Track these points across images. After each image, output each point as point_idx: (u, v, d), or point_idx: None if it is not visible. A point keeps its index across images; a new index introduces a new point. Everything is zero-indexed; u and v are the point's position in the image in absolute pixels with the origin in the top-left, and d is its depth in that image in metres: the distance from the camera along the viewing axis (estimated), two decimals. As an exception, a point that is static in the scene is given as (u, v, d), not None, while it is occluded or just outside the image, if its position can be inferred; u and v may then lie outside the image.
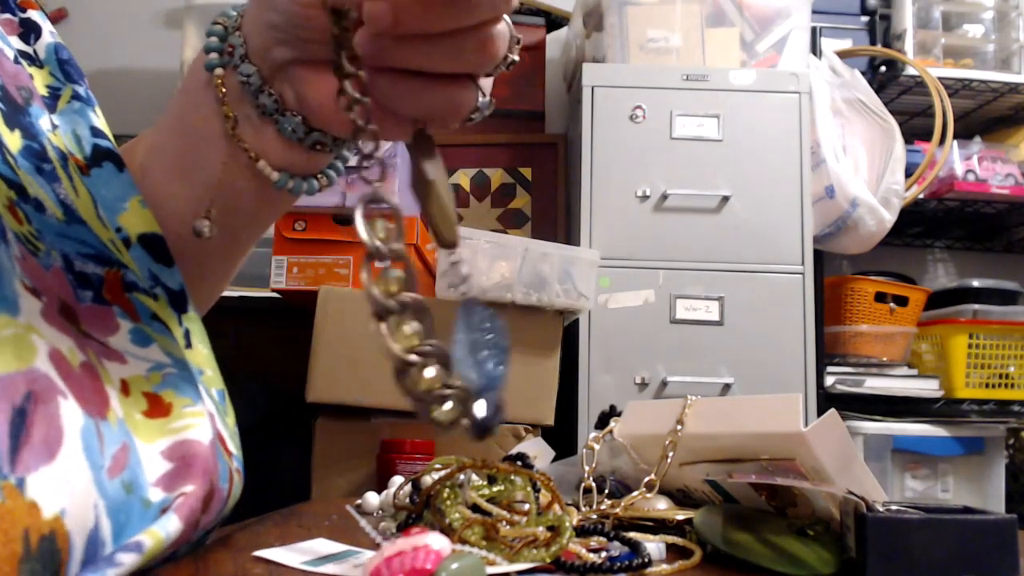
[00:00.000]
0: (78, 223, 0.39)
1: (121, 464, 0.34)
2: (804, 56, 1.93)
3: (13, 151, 0.38)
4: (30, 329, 0.32)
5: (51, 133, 0.42)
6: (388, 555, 0.31)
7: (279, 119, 0.41)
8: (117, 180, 0.43)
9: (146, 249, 0.42)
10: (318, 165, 0.44)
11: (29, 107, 0.41)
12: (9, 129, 0.39)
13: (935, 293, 2.16)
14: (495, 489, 0.45)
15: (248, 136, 0.42)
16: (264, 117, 0.41)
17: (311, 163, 0.44)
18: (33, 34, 0.45)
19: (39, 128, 0.41)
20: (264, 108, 0.41)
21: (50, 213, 0.38)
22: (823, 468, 0.46)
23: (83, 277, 0.39)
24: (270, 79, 0.40)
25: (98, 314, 0.39)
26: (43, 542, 0.28)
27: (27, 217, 0.37)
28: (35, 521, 0.28)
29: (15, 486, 0.28)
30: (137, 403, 0.38)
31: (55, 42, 0.46)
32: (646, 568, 0.40)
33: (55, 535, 0.28)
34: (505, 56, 0.36)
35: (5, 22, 0.44)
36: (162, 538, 0.33)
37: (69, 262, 0.39)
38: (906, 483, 1.95)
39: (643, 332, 1.74)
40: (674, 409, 0.57)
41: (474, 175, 2.20)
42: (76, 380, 0.33)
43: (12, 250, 0.34)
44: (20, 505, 0.27)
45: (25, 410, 0.29)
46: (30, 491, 0.28)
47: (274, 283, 1.60)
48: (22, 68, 0.43)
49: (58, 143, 0.42)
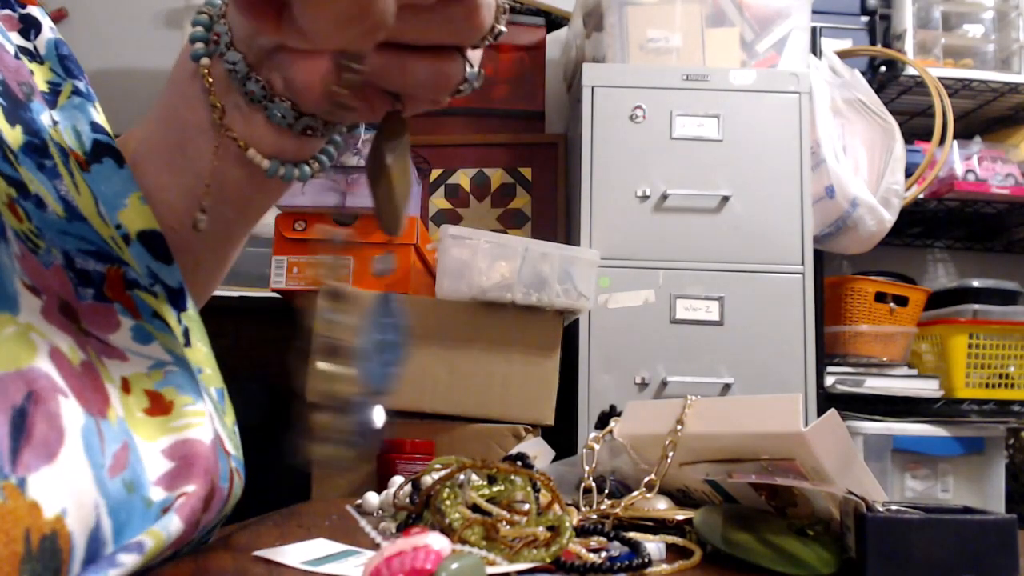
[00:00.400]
0: (79, 220, 0.39)
1: (122, 463, 0.34)
2: (804, 56, 1.93)
3: (14, 147, 0.38)
4: (30, 328, 0.32)
5: (52, 129, 0.41)
6: (388, 555, 0.31)
7: (268, 106, 0.40)
8: (117, 176, 0.43)
9: (145, 246, 0.42)
10: (309, 151, 0.44)
11: (30, 103, 0.41)
12: (10, 125, 0.39)
13: (935, 293, 2.16)
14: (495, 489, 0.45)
15: (237, 125, 0.41)
16: (252, 105, 0.41)
17: (302, 149, 0.43)
18: (33, 30, 0.45)
19: (40, 124, 0.41)
20: (252, 95, 0.40)
21: (51, 210, 0.38)
22: (823, 468, 0.46)
23: (84, 274, 0.39)
24: (257, 66, 0.40)
25: (99, 311, 0.39)
26: (44, 542, 0.28)
27: (27, 215, 0.37)
28: (36, 521, 0.28)
29: (16, 486, 0.28)
30: (138, 401, 0.38)
31: (55, 38, 0.46)
32: (646, 568, 0.40)
33: (56, 535, 0.28)
34: (492, 27, 0.35)
35: (5, 18, 0.44)
36: (163, 538, 0.33)
37: (70, 259, 0.39)
38: (906, 483, 1.95)
39: (643, 332, 1.74)
40: (674, 409, 0.57)
41: (474, 175, 2.20)
42: (76, 379, 0.33)
43: (12, 248, 0.34)
44: (21, 505, 0.27)
45: (26, 410, 0.29)
46: (31, 491, 0.28)
47: (274, 283, 1.60)
48: (23, 64, 0.42)
49: (59, 139, 0.41)
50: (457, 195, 2.20)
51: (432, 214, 2.20)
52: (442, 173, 2.20)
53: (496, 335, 1.42)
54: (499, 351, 1.42)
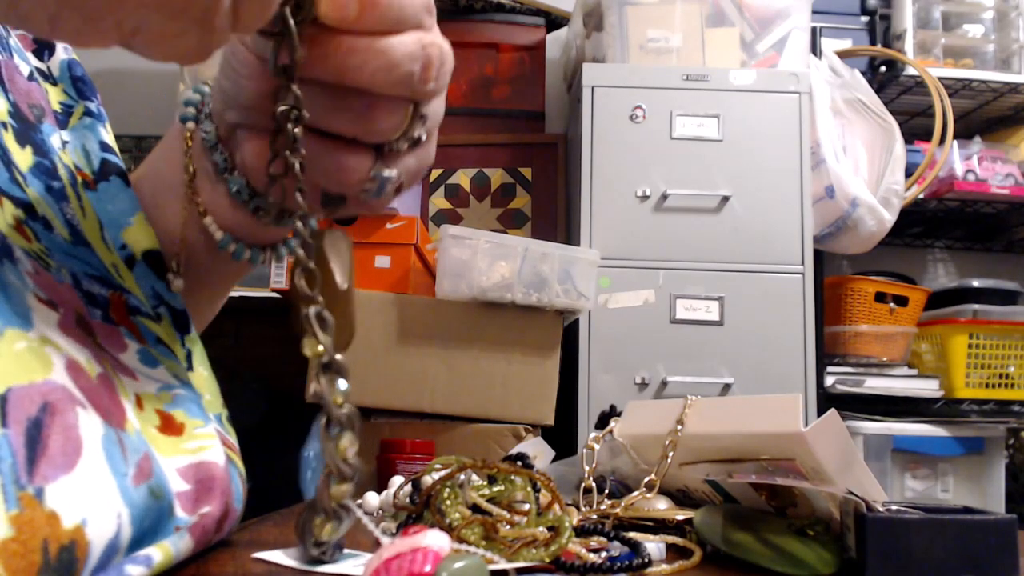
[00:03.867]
0: (83, 245, 0.40)
1: (146, 471, 0.34)
2: (804, 56, 1.93)
3: (23, 169, 0.38)
4: (45, 341, 0.32)
5: (61, 151, 0.42)
6: (387, 557, 0.31)
7: (228, 178, 0.42)
8: (124, 195, 0.43)
9: (150, 266, 0.43)
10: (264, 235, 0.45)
11: (41, 124, 0.41)
12: (20, 146, 0.39)
13: (935, 293, 2.16)
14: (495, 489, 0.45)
15: (204, 191, 0.43)
16: (218, 175, 0.42)
17: (256, 231, 0.44)
18: (47, 50, 0.46)
19: (50, 145, 0.41)
20: (217, 166, 0.42)
21: (57, 232, 0.39)
22: (823, 468, 0.46)
23: (91, 296, 0.39)
24: (225, 139, 0.41)
25: (108, 332, 0.39)
26: (62, 552, 0.28)
27: (36, 235, 0.37)
28: (55, 531, 0.28)
29: (33, 496, 0.27)
30: (150, 419, 0.38)
31: (69, 58, 0.46)
32: (646, 568, 0.40)
33: (75, 545, 0.28)
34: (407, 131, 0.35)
35: (21, 37, 0.45)
36: (172, 555, 0.34)
37: (77, 280, 0.39)
38: (906, 483, 1.95)
39: (643, 332, 1.74)
40: (674, 409, 0.57)
41: (474, 175, 2.20)
42: (94, 391, 0.33)
43: (23, 266, 0.34)
44: (39, 515, 0.27)
45: (41, 421, 0.29)
46: (49, 501, 0.28)
47: (274, 283, 1.60)
48: (37, 85, 0.43)
49: (67, 161, 0.42)
50: (457, 195, 2.20)
51: (432, 214, 2.20)
52: (442, 173, 2.20)
53: (496, 335, 1.42)
54: (499, 351, 1.42)
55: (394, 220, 1.64)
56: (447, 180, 2.20)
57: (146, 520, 0.33)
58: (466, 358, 1.42)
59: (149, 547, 0.33)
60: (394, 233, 1.64)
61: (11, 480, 0.27)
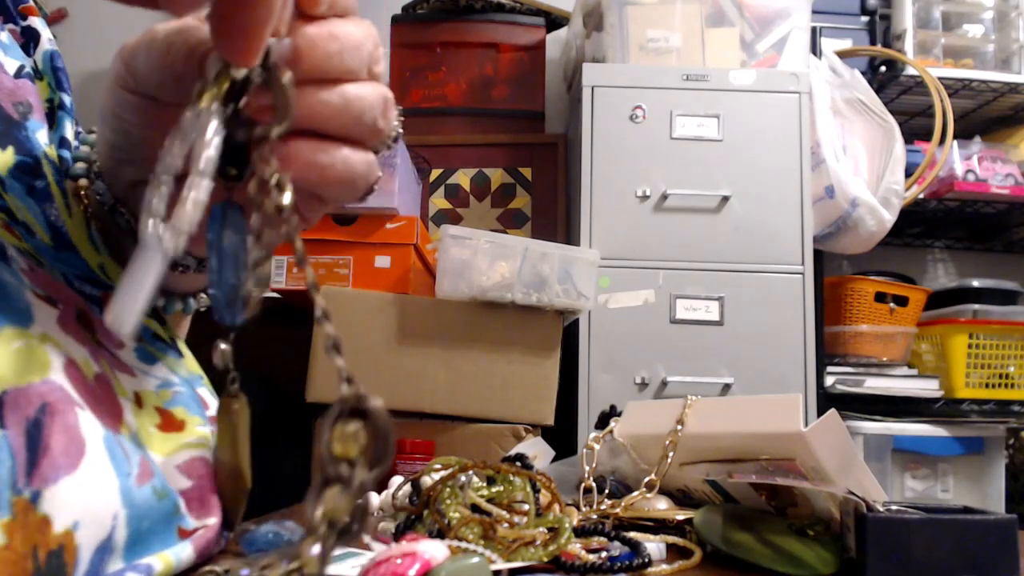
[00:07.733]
0: (66, 249, 0.39)
1: (149, 471, 0.34)
2: (804, 56, 1.93)
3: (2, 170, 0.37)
4: (45, 338, 0.32)
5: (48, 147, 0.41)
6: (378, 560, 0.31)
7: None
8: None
9: None
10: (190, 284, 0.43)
11: (26, 121, 0.40)
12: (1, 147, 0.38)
13: (935, 293, 2.16)
14: (495, 490, 0.45)
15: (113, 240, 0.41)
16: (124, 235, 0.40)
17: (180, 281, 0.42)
18: (33, 43, 0.45)
19: (35, 142, 0.40)
20: (119, 226, 0.40)
21: (39, 238, 0.38)
22: (823, 468, 0.46)
23: (84, 296, 0.39)
24: (124, 198, 0.39)
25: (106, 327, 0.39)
26: (51, 558, 0.28)
27: (22, 236, 0.37)
28: (44, 537, 0.28)
29: (29, 501, 0.27)
30: (151, 416, 0.38)
31: (51, 50, 0.45)
32: (646, 568, 0.40)
33: (63, 550, 0.28)
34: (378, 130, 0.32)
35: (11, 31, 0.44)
36: (173, 565, 0.34)
37: (69, 280, 0.39)
38: (906, 483, 1.95)
39: (643, 332, 1.74)
40: (674, 409, 0.57)
41: (474, 175, 2.20)
42: (91, 392, 0.33)
43: (17, 264, 0.34)
44: (32, 521, 0.27)
45: (40, 421, 0.29)
46: (44, 505, 0.28)
47: (274, 283, 1.60)
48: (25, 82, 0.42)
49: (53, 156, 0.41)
50: (457, 195, 2.20)
51: (432, 214, 2.20)
52: (442, 173, 2.20)
53: (496, 335, 1.42)
54: (499, 351, 1.42)
55: (394, 220, 1.64)
56: (447, 180, 2.20)
57: (146, 520, 0.33)
58: (466, 358, 1.42)
59: (150, 556, 0.33)
60: (394, 233, 1.64)
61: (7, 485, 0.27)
